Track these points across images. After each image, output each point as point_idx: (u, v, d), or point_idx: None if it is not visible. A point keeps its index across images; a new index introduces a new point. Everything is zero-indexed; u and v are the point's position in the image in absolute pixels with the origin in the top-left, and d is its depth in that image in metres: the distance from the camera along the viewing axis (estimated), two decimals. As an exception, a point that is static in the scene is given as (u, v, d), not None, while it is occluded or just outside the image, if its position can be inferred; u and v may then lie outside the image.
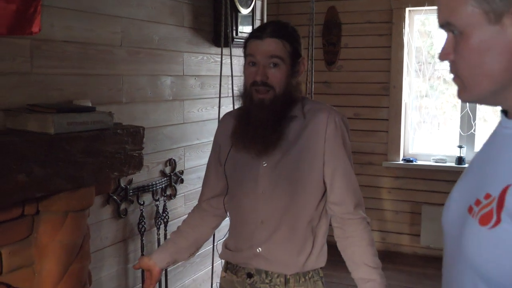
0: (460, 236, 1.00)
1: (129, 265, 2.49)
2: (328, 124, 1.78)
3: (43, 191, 1.73)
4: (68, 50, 2.07)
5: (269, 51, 1.74)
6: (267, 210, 1.81)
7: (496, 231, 0.90)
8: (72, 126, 1.79)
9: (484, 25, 0.91)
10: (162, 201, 2.68)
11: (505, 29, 0.89)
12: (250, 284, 1.83)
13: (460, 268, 1.01)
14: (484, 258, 0.93)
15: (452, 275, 1.05)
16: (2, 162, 1.57)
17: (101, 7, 2.22)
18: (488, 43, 0.91)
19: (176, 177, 2.77)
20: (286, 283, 1.80)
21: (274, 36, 1.75)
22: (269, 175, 1.81)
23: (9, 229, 1.78)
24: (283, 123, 1.79)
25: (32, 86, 1.93)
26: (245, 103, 1.84)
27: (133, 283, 2.54)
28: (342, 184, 1.80)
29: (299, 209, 1.80)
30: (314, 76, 5.27)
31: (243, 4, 2.93)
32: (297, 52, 1.80)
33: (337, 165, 1.79)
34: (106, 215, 2.33)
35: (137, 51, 2.45)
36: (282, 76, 1.76)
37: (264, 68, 1.74)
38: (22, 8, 1.83)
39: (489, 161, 1.01)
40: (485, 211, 0.93)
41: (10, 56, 1.85)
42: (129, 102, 2.41)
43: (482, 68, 0.93)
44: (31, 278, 1.89)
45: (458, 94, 1.00)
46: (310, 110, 1.82)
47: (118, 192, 2.36)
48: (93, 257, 2.19)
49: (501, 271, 0.90)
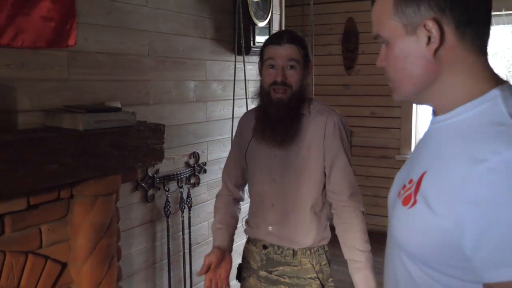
0: (392, 216, 1.05)
1: (156, 243, 2.58)
2: (327, 124, 1.85)
3: (73, 178, 1.81)
4: (100, 60, 2.15)
5: (288, 55, 1.81)
6: (277, 195, 1.90)
7: (413, 211, 0.95)
8: (99, 124, 1.87)
9: (404, 36, 0.96)
10: (186, 189, 2.75)
11: (419, 39, 0.94)
12: (265, 254, 1.95)
13: (391, 244, 1.07)
14: (404, 233, 0.98)
15: (388, 250, 1.10)
16: (39, 154, 1.66)
17: (130, 23, 2.29)
18: (407, 51, 0.96)
19: (200, 167, 2.84)
20: (294, 255, 1.90)
21: (291, 42, 1.82)
22: (279, 166, 1.89)
23: (47, 210, 1.88)
24: (296, 120, 1.86)
25: (68, 91, 2.02)
26: (263, 102, 1.90)
27: (160, 258, 2.62)
28: (338, 175, 1.86)
29: (304, 195, 1.87)
30: (335, 80, 5.33)
31: (259, 18, 2.97)
32: (308, 56, 1.88)
33: (334, 159, 1.85)
34: (135, 199, 2.42)
35: (163, 60, 2.52)
36: (298, 77, 1.83)
37: (283, 70, 1.81)
38: (60, 25, 1.93)
39: (417, 152, 1.06)
40: (407, 194, 0.98)
41: (50, 65, 1.95)
42: (156, 103, 2.48)
43: (404, 72, 0.98)
44: (67, 251, 1.98)
45: (392, 94, 1.05)
46: (315, 110, 1.89)
47: (146, 180, 2.45)
48: (123, 235, 2.29)
49: (417, 244, 0.95)
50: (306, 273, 1.88)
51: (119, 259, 2.22)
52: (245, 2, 2.89)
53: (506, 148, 0.81)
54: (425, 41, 0.93)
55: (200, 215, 2.91)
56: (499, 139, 0.83)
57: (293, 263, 1.89)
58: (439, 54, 0.94)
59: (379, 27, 1.00)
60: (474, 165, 0.83)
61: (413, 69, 0.96)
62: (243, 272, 2.03)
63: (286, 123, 1.84)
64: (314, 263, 1.88)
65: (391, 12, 0.96)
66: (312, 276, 1.87)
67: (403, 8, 0.94)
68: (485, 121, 0.89)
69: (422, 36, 0.93)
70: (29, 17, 1.81)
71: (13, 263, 1.78)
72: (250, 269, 2.00)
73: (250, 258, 2.00)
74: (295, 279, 1.89)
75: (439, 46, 0.93)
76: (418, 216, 0.93)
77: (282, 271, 1.90)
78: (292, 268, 1.89)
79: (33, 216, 1.83)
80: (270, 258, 1.93)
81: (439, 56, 0.94)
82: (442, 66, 0.95)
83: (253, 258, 1.98)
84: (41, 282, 1.89)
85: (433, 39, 0.92)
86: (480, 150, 0.84)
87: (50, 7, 1.88)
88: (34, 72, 1.89)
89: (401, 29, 0.95)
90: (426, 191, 0.92)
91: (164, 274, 2.64)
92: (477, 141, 0.86)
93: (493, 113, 0.89)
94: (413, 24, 0.94)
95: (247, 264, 2.02)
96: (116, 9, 2.22)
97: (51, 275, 1.92)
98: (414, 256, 0.96)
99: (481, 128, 0.88)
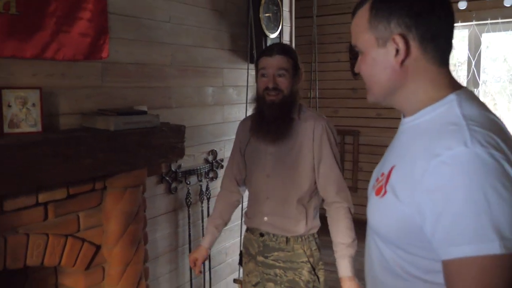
0: (368, 206, 1.13)
1: (179, 229, 2.66)
2: (316, 128, 1.90)
3: (106, 172, 1.89)
4: (129, 69, 2.24)
5: (278, 65, 1.87)
6: (271, 189, 1.96)
7: (383, 200, 1.01)
8: (128, 125, 1.94)
9: (376, 48, 1.01)
10: (205, 182, 2.83)
11: (388, 51, 1.00)
12: (262, 241, 2.00)
13: (368, 229, 1.14)
14: (377, 219, 1.05)
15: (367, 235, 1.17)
16: (77, 151, 1.74)
17: (155, 37, 2.38)
18: (377, 60, 1.02)
19: (217, 163, 2.91)
20: (287, 242, 1.95)
21: (280, 53, 1.88)
22: (272, 163, 1.95)
23: (84, 199, 1.97)
24: (288, 121, 1.92)
25: (101, 96, 2.11)
26: (259, 105, 1.97)
27: (182, 243, 2.69)
28: (325, 174, 1.91)
29: (293, 190, 1.93)
30: (343, 84, 5.36)
31: (271, 30, 3.05)
32: (297, 65, 1.92)
33: (322, 160, 1.90)
34: (160, 191, 2.50)
35: (184, 69, 2.60)
36: (288, 83, 1.89)
37: (274, 77, 1.88)
38: (95, 40, 2.03)
39: (389, 150, 1.13)
40: (379, 185, 1.05)
41: (86, 75, 2.04)
42: (178, 107, 2.57)
43: (374, 78, 1.04)
44: (100, 235, 2.07)
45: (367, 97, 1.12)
46: (304, 116, 1.94)
47: (169, 174, 2.54)
48: (149, 222, 2.37)
49: (387, 228, 1.01)
50: (299, 257, 1.94)
51: (146, 243, 2.30)
52: (257, 17, 2.97)
53: (457, 144, 0.87)
54: (393, 53, 0.98)
55: (218, 206, 2.98)
56: (452, 137, 0.89)
57: (287, 249, 1.95)
58: (405, 65, 0.99)
59: (356, 38, 1.05)
60: (431, 159, 0.89)
61: (381, 76, 1.02)
62: (244, 257, 2.12)
63: (279, 123, 1.89)
64: (305, 248, 1.94)
65: (366, 26, 1.02)
66: (304, 260, 1.93)
67: (376, 24, 1.00)
68: (442, 121, 0.95)
69: (391, 48, 0.99)
70: (69, 34, 1.91)
71: (55, 244, 1.86)
72: (249, 255, 2.07)
73: (249, 245, 2.07)
74: (288, 263, 1.95)
75: (405, 58, 0.99)
76: (388, 204, 0.99)
77: (277, 256, 1.97)
78: (286, 254, 1.95)
79: (72, 204, 1.92)
80: (266, 245, 1.99)
81: (405, 67, 0.99)
82: (407, 75, 1.00)
83: (252, 245, 2.05)
84: (79, 261, 1.97)
85: (400, 51, 0.98)
86: (436, 146, 0.89)
87: (86, 25, 1.98)
88: (73, 80, 1.98)
89: (373, 41, 1.01)
90: (394, 182, 0.98)
91: (185, 257, 2.72)
92: (435, 139, 0.92)
93: (449, 114, 0.95)
94: (384, 38, 0.99)
95: (246, 250, 2.09)
96: (143, 25, 2.31)
97: (87, 255, 2.01)
98: (385, 239, 1.03)
99: (438, 127, 0.94)
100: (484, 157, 0.84)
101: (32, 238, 1.79)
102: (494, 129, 0.90)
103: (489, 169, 0.84)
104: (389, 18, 0.98)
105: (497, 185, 0.83)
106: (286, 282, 1.95)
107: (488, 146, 0.86)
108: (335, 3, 5.25)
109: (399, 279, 1.01)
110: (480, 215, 0.82)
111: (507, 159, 0.86)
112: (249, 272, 2.07)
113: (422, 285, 0.97)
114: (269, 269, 1.98)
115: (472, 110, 0.94)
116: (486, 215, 0.82)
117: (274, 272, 1.97)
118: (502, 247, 0.81)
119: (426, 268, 0.96)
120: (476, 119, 0.92)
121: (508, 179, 0.84)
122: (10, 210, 1.70)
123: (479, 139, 0.87)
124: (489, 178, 0.83)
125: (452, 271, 0.87)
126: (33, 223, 1.79)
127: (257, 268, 2.02)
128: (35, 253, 1.80)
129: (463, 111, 0.94)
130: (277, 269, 1.96)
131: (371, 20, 1.01)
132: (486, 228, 0.82)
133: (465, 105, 0.96)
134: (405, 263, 0.99)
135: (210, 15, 2.77)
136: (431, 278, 0.95)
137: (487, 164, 0.84)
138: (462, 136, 0.88)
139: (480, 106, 0.97)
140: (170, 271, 2.64)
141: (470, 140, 0.87)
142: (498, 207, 0.82)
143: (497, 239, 0.82)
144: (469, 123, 0.90)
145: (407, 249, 0.98)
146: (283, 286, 1.95)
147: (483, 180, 0.83)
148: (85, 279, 2.05)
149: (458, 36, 4.83)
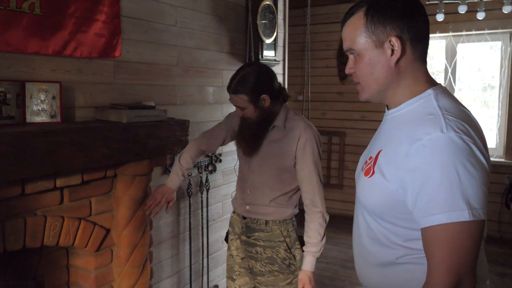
0: (357, 185, 1.23)
1: (180, 217, 2.72)
2: (301, 137, 1.94)
3: (118, 160, 1.95)
4: (139, 68, 2.30)
5: (235, 103, 1.95)
6: (253, 183, 2.06)
7: (372, 179, 1.11)
8: (138, 118, 2.01)
9: (373, 49, 1.09)
10: (205, 174, 2.89)
11: (385, 51, 1.08)
12: (244, 223, 2.12)
13: (356, 205, 1.24)
14: (366, 196, 1.15)
15: (355, 211, 1.27)
16: (92, 140, 1.80)
17: (163, 39, 2.45)
18: (375, 60, 1.09)
19: (216, 158, 2.98)
20: (267, 224, 2.06)
21: (234, 92, 1.93)
22: (257, 162, 2.04)
23: (96, 186, 2.03)
24: (265, 133, 1.98)
25: (114, 92, 2.17)
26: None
27: (183, 230, 2.75)
28: (304, 180, 1.97)
29: (275, 189, 2.03)
30: (331, 88, 5.48)
31: (266, 36, 3.14)
32: (257, 94, 1.90)
33: (302, 166, 1.96)
34: (164, 181, 2.49)
35: (188, 69, 2.66)
36: (252, 112, 1.94)
37: (239, 110, 1.96)
38: (109, 40, 2.09)
39: (376, 137, 1.23)
40: (368, 167, 1.14)
41: (100, 72, 2.10)
42: (182, 104, 2.64)
43: (372, 76, 1.11)
44: (110, 219, 2.13)
45: (359, 95, 1.20)
46: (291, 124, 1.98)
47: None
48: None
49: (374, 203, 1.11)
50: (276, 237, 2.05)
51: (151, 228, 2.36)
52: (255, 23, 3.06)
53: (435, 130, 0.98)
54: (389, 53, 1.07)
55: (216, 197, 3.05)
56: (430, 125, 1.00)
57: (266, 229, 2.06)
58: (399, 63, 1.08)
59: (351, 42, 1.12)
60: (413, 143, 0.99)
61: (379, 74, 1.10)
62: (230, 235, 2.22)
63: (255, 139, 1.97)
64: (282, 229, 2.04)
65: (363, 31, 1.09)
66: (280, 239, 2.04)
67: (373, 28, 1.07)
68: (422, 112, 1.05)
69: (387, 49, 1.07)
70: (86, 34, 1.98)
71: (69, 226, 1.93)
72: (235, 233, 2.19)
73: (235, 224, 2.19)
74: (268, 242, 2.05)
75: (400, 57, 1.07)
76: (375, 183, 1.09)
77: (257, 236, 2.08)
78: (265, 234, 2.06)
79: (86, 190, 1.98)
80: (248, 226, 2.10)
81: (398, 65, 1.08)
82: (400, 72, 1.09)
83: (237, 224, 2.18)
84: (90, 242, 2.03)
85: (395, 51, 1.06)
86: (417, 132, 1.00)
87: (101, 26, 2.05)
88: (88, 77, 2.04)
89: (371, 43, 1.08)
90: (381, 164, 1.08)
91: (186, 243, 2.78)
92: (416, 126, 1.02)
93: (427, 106, 1.06)
94: (381, 40, 1.07)
95: (233, 229, 2.21)
96: (152, 28, 2.38)
97: (98, 237, 2.07)
98: (372, 212, 1.13)
99: (418, 116, 1.05)
100: (457, 141, 0.96)
101: (49, 220, 1.84)
102: (465, 119, 1.02)
103: (460, 150, 0.95)
104: (385, 22, 1.06)
105: (467, 164, 0.94)
106: (265, 259, 2.06)
107: (460, 132, 0.97)
108: (324, 13, 5.38)
109: (383, 246, 1.12)
110: (453, 188, 0.93)
111: (475, 143, 0.97)
112: (236, 247, 2.19)
113: (403, 251, 1.08)
114: (251, 247, 2.10)
115: (446, 102, 1.06)
116: (458, 189, 0.93)
117: (255, 250, 2.08)
118: (471, 215, 0.93)
119: (406, 236, 1.07)
120: (450, 110, 1.03)
121: (475, 159, 0.96)
122: (31, 193, 1.76)
123: (452, 126, 0.98)
124: (461, 158, 0.94)
125: (429, 237, 0.98)
126: (50, 206, 1.85)
127: (241, 247, 2.16)
128: (52, 234, 1.86)
129: (439, 103, 1.05)
130: (258, 247, 2.08)
131: (367, 25, 1.08)
132: (457, 199, 0.93)
133: (441, 98, 1.07)
134: (388, 233, 1.10)
135: (212, 20, 2.85)
136: (410, 245, 1.07)
137: (459, 147, 0.95)
138: (439, 124, 0.99)
139: (453, 100, 1.09)
140: (172, 256, 2.70)
141: (445, 127, 0.98)
142: (468, 182, 0.94)
143: (466, 208, 0.93)
144: (444, 113, 1.01)
145: (391, 220, 1.08)
146: (263, 262, 2.06)
147: (456, 159, 0.94)
148: (95, 260, 2.12)
149: (436, 46, 4.96)
